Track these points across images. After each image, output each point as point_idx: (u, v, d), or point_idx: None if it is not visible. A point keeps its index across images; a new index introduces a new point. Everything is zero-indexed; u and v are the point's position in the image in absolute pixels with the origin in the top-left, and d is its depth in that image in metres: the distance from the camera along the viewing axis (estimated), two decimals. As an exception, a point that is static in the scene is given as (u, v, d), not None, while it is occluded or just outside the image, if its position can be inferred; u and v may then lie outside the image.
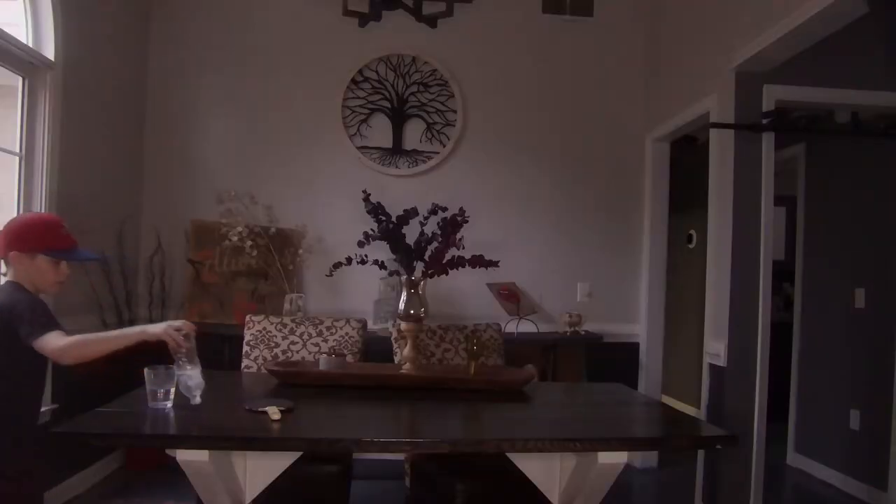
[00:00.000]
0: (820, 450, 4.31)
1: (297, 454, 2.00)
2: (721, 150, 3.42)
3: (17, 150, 3.12)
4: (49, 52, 3.18)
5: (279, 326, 3.07)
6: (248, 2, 4.39)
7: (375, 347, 3.30)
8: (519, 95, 4.51)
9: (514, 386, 2.54)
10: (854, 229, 4.16)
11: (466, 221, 2.59)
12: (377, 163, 4.39)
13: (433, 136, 4.44)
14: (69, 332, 1.93)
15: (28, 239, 2.00)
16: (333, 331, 3.07)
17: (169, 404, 1.95)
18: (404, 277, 2.59)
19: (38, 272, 2.00)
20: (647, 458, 4.33)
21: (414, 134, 4.44)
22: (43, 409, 3.09)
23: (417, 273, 2.60)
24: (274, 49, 4.37)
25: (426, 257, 2.59)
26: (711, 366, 3.45)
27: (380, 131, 4.41)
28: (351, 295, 4.25)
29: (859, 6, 2.56)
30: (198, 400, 1.91)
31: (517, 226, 4.46)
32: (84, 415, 1.89)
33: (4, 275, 2.06)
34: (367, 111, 4.41)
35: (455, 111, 4.43)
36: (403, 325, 2.60)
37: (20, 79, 3.12)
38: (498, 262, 2.57)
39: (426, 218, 2.63)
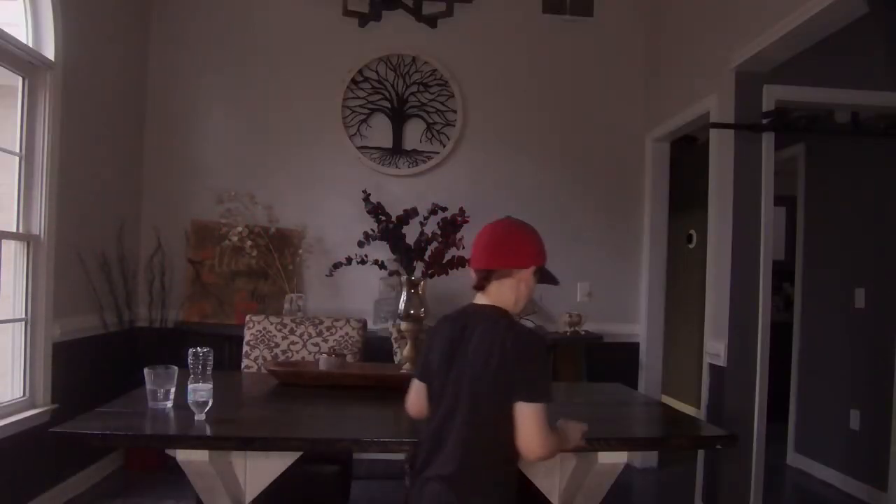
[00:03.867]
0: (820, 450, 4.30)
1: (297, 454, 2.00)
2: (721, 150, 3.42)
3: (17, 150, 3.12)
4: (49, 52, 3.18)
5: (279, 326, 3.07)
6: (248, 2, 4.39)
7: (375, 347, 3.30)
8: (519, 95, 4.51)
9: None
10: (854, 229, 4.16)
11: (466, 221, 2.59)
12: (377, 163, 4.39)
13: (433, 136, 4.44)
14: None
15: (545, 253, 1.70)
16: (333, 331, 3.07)
17: (169, 404, 1.95)
18: (404, 277, 2.59)
19: (529, 293, 1.70)
20: (647, 458, 4.33)
21: (414, 134, 4.43)
22: (43, 408, 3.10)
23: (417, 273, 2.60)
24: (274, 49, 4.37)
25: (426, 257, 2.59)
26: (711, 366, 3.45)
27: (380, 131, 4.41)
28: (351, 295, 4.25)
29: (859, 6, 2.55)
30: (202, 416, 1.87)
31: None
32: (84, 415, 1.89)
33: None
34: (367, 111, 4.40)
35: (455, 111, 4.43)
36: (403, 325, 2.60)
37: (20, 79, 3.12)
38: (498, 262, 2.57)
39: (426, 218, 2.63)
